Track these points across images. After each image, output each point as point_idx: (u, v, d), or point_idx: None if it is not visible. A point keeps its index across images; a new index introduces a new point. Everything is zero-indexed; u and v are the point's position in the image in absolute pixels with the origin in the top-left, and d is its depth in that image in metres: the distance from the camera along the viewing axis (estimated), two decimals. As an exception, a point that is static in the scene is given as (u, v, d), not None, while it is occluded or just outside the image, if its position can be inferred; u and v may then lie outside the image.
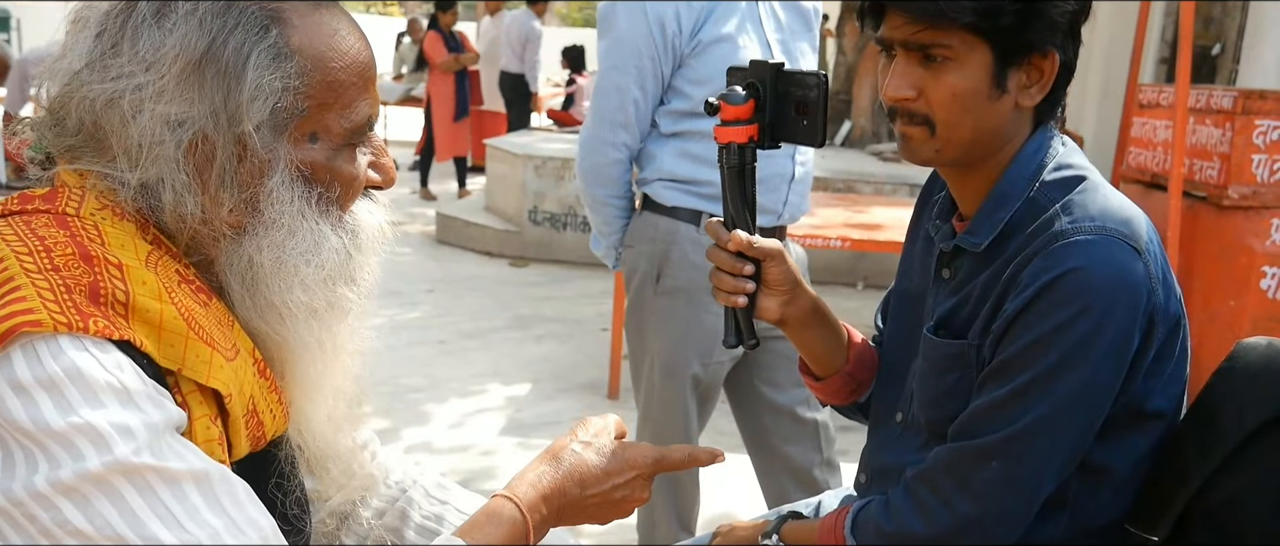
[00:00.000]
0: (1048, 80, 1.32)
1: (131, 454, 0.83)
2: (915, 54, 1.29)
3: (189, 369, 0.91)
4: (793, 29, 2.40)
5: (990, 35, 1.26)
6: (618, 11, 2.34)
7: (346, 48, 0.99)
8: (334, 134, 0.99)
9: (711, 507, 3.28)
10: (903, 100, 1.31)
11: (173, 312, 0.91)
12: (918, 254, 1.54)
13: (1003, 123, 1.32)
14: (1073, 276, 1.23)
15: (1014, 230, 1.33)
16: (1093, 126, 7.46)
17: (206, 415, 0.93)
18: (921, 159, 1.35)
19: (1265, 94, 3.82)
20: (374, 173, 1.07)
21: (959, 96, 1.28)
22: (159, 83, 0.91)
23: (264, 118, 0.94)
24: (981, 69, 1.28)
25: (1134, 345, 1.26)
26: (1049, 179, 1.33)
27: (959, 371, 1.37)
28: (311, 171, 0.99)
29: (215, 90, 0.92)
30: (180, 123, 0.92)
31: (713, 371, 2.46)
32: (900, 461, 1.46)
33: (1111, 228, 1.26)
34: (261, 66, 0.93)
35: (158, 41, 0.91)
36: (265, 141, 0.95)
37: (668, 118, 2.37)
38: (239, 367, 0.96)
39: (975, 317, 1.35)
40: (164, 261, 0.95)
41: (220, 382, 0.93)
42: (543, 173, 7.18)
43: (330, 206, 1.01)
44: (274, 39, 0.94)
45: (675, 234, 2.38)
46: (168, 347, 0.90)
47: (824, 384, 1.62)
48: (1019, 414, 1.27)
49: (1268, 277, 3.77)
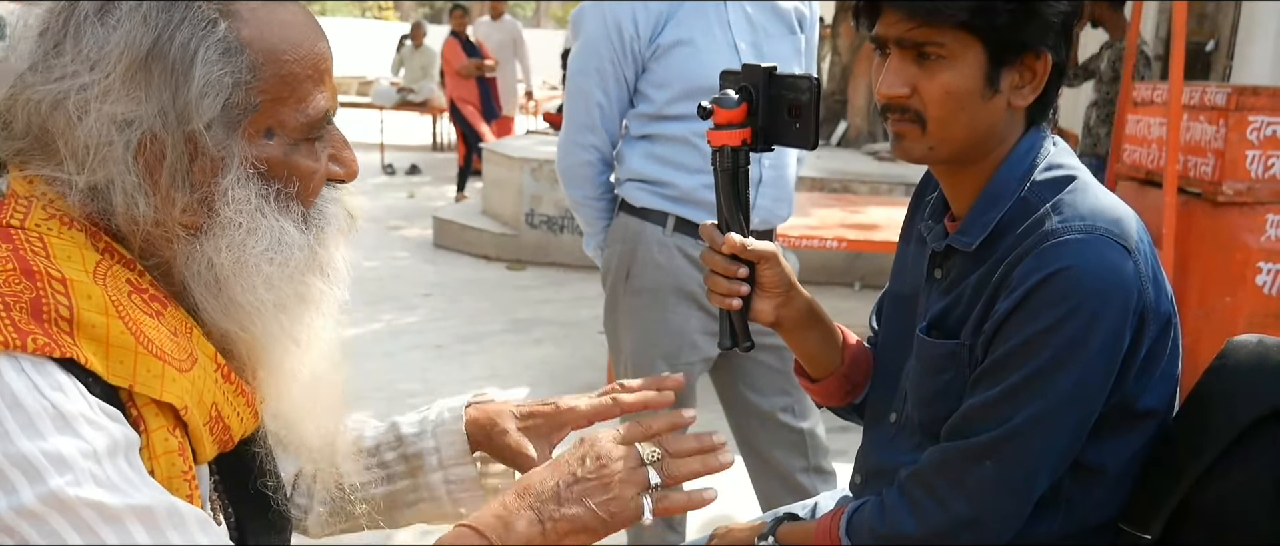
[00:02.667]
0: (1040, 80, 1.32)
1: (68, 486, 0.80)
2: (909, 51, 1.30)
3: (141, 384, 0.88)
4: (768, 31, 2.40)
5: (984, 34, 1.27)
6: (584, 15, 2.39)
7: (300, 40, 0.96)
8: (290, 128, 0.96)
9: (705, 510, 3.26)
10: (896, 97, 1.31)
11: (120, 327, 0.88)
12: (911, 254, 1.55)
13: (995, 122, 1.33)
14: (1063, 275, 1.24)
15: (1005, 230, 1.33)
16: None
17: (164, 426, 0.91)
18: (914, 157, 1.35)
19: (1259, 90, 3.82)
20: (335, 166, 1.04)
21: (952, 94, 1.29)
22: (104, 82, 0.88)
23: (215, 114, 0.91)
24: (975, 68, 1.28)
25: (1125, 343, 1.27)
26: (1040, 179, 1.34)
27: (952, 371, 1.37)
28: (268, 167, 0.96)
29: (163, 88, 0.89)
30: (128, 122, 0.89)
31: (682, 372, 2.46)
32: (894, 461, 1.46)
33: (1101, 227, 1.26)
34: (210, 62, 0.89)
35: (102, 39, 0.88)
36: (218, 139, 0.92)
37: (636, 120, 2.41)
38: (197, 376, 0.94)
39: (967, 317, 1.35)
40: (114, 271, 0.92)
41: (173, 395, 0.90)
42: (539, 176, 7.18)
43: (290, 202, 0.98)
44: (223, 33, 0.91)
45: (642, 235, 2.41)
46: (116, 363, 0.87)
47: (820, 385, 1.62)
48: (1011, 413, 1.28)
49: (1263, 273, 3.78)
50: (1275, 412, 1.28)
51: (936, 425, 1.38)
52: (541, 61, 11.04)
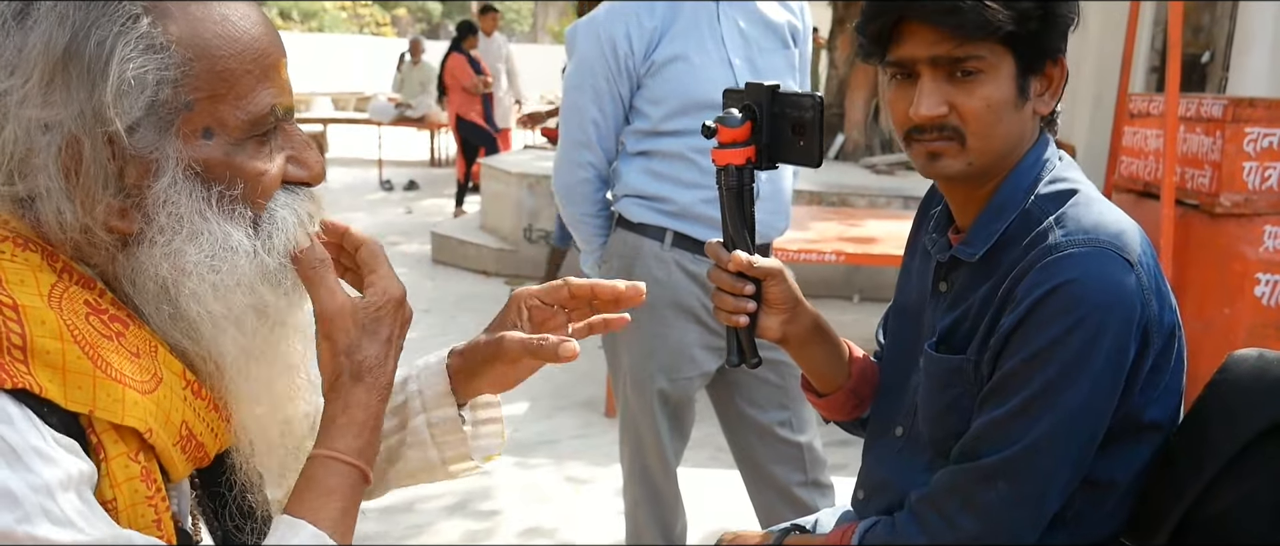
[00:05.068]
0: (1057, 86, 1.35)
1: (17, 523, 0.77)
2: (943, 69, 1.29)
3: (101, 409, 0.85)
4: (761, 46, 2.41)
5: (1016, 43, 1.28)
6: (578, 33, 2.40)
7: (237, 34, 0.91)
8: (230, 127, 0.91)
9: (704, 522, 3.29)
10: (937, 118, 1.30)
11: (76, 352, 0.85)
12: (916, 269, 1.55)
13: (1024, 130, 1.35)
14: (1066, 289, 1.24)
15: (1009, 242, 1.34)
16: (1085, 136, 7.47)
17: (125, 453, 0.88)
18: (952, 173, 1.34)
19: (1255, 101, 3.83)
20: (294, 167, 0.99)
21: (992, 107, 1.29)
22: (24, 87, 0.84)
23: (139, 115, 0.87)
24: (1009, 79, 1.30)
25: (1130, 357, 1.27)
26: (1044, 192, 1.34)
27: (959, 387, 1.37)
28: (206, 169, 0.91)
29: (79, 88, 0.84)
30: (49, 126, 0.84)
31: (681, 387, 2.48)
32: (900, 477, 1.46)
33: (1104, 240, 1.26)
34: (129, 59, 0.85)
35: (20, 43, 0.85)
36: (147, 140, 0.87)
37: (632, 137, 2.42)
38: (163, 396, 0.91)
39: (974, 333, 1.35)
40: (71, 293, 0.88)
41: (135, 419, 0.88)
42: (537, 191, 7.18)
43: (235, 205, 0.93)
44: (145, 29, 0.86)
45: (639, 250, 2.41)
46: (74, 390, 0.84)
47: (827, 400, 1.62)
48: (1021, 432, 1.27)
49: (1261, 284, 3.78)
50: (1276, 427, 1.28)
51: (947, 442, 1.38)
52: (538, 77, 11.08)
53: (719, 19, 2.36)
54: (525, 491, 3.80)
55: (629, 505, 2.70)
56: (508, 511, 3.63)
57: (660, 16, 2.33)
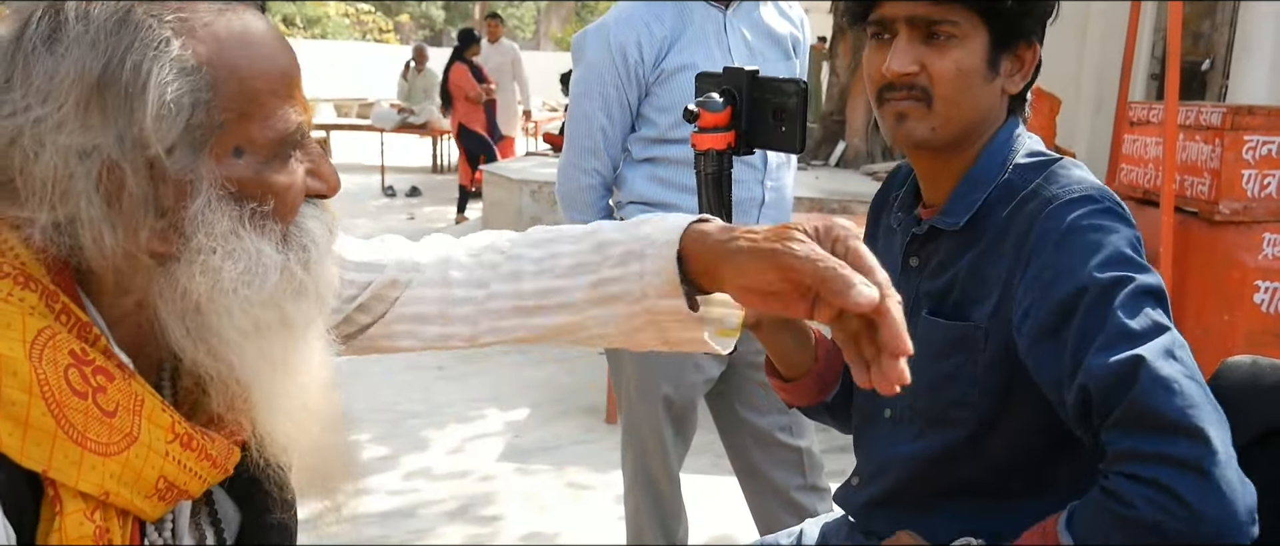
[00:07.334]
0: (1028, 70, 1.41)
1: None
2: (919, 30, 1.35)
3: (55, 470, 0.84)
4: (765, 56, 2.43)
5: (992, 17, 1.34)
6: (587, 40, 2.41)
7: (261, 55, 0.93)
8: (259, 145, 0.92)
9: (705, 528, 3.30)
10: (907, 75, 1.35)
11: (41, 409, 0.84)
12: (878, 252, 1.56)
13: (991, 106, 1.40)
14: (1083, 215, 1.29)
15: (990, 210, 1.38)
16: (1085, 142, 7.48)
17: (81, 510, 0.87)
18: (917, 137, 1.38)
19: (1254, 109, 3.84)
20: (314, 181, 1.00)
21: (962, 72, 1.35)
22: (58, 113, 0.84)
23: (177, 137, 0.87)
24: (980, 49, 1.35)
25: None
26: (1024, 162, 1.40)
27: (963, 353, 1.38)
28: (239, 188, 0.91)
29: (118, 113, 0.85)
30: (86, 152, 0.84)
31: (685, 392, 2.49)
32: (896, 453, 1.48)
33: (1096, 193, 1.32)
34: (165, 83, 0.85)
35: (51, 69, 0.84)
36: (183, 162, 0.88)
37: (638, 144, 2.43)
38: (134, 455, 0.89)
39: (979, 298, 1.37)
40: (59, 340, 0.87)
41: (90, 484, 0.86)
42: (539, 197, 7.20)
43: (267, 221, 0.94)
44: (177, 52, 0.87)
45: None
46: (33, 446, 0.83)
47: (794, 385, 1.63)
48: (1126, 342, 1.19)
49: (1261, 292, 3.79)
50: (1269, 433, 1.29)
51: (941, 411, 1.39)
52: (541, 83, 11.10)
53: (727, 29, 2.38)
54: (526, 497, 3.81)
55: (630, 511, 2.71)
56: (509, 517, 3.65)
57: (670, 25, 2.34)
